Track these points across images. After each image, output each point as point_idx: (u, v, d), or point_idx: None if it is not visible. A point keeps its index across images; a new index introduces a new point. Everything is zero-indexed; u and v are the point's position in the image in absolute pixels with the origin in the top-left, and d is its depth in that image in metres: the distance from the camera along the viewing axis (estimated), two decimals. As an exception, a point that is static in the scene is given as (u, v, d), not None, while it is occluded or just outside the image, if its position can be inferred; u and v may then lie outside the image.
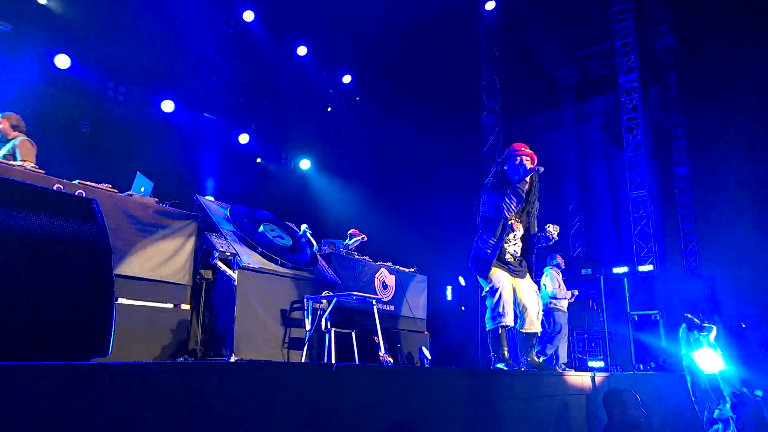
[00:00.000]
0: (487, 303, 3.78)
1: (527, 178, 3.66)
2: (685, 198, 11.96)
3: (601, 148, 12.91)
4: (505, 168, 3.84)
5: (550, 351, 6.54)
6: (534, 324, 3.78)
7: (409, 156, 9.46)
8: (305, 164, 9.73)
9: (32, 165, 4.17)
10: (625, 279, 9.15)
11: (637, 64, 10.39)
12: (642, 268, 9.67)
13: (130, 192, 4.60)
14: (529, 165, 3.71)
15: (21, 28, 6.23)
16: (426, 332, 6.88)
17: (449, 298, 8.73)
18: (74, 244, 1.52)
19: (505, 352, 3.61)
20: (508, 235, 3.82)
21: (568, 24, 10.74)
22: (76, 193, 4.10)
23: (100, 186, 4.29)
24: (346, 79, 9.81)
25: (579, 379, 3.69)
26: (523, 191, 3.66)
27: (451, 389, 2.21)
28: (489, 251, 3.73)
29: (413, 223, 8.92)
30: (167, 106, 7.68)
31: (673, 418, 4.54)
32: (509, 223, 3.78)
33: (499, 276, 3.73)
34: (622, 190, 11.18)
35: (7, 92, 5.80)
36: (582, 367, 8.98)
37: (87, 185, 4.18)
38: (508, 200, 3.65)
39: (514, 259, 3.85)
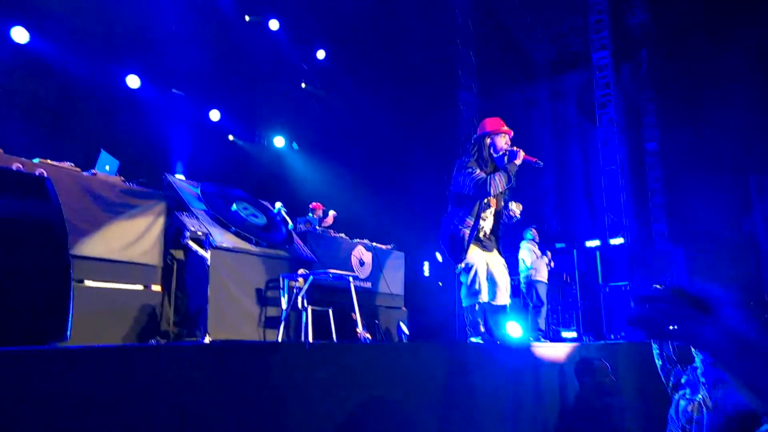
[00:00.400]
0: (462, 279, 3.77)
1: (517, 161, 3.62)
2: (655, 173, 12.18)
3: (576, 124, 13.00)
4: (488, 144, 3.76)
5: (542, 323, 6.62)
6: (504, 297, 3.78)
7: (385, 133, 9.36)
8: (279, 142, 9.54)
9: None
10: (597, 252, 9.33)
11: (609, 41, 10.42)
12: (613, 242, 9.86)
13: (94, 171, 4.44)
14: (519, 151, 3.70)
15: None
16: (404, 308, 6.92)
17: (427, 274, 8.77)
18: (26, 224, 1.44)
19: (481, 327, 3.65)
20: (484, 212, 3.76)
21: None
22: (37, 173, 3.93)
23: (61, 164, 4.13)
24: (321, 54, 9.59)
25: (552, 350, 3.75)
26: (513, 172, 3.62)
27: (427, 363, 2.21)
28: (468, 230, 3.64)
29: (390, 199, 8.88)
30: (133, 81, 7.39)
31: (644, 385, 4.67)
32: (485, 201, 3.71)
33: (474, 254, 3.71)
34: (595, 165, 11.31)
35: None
36: (556, 338, 9.18)
37: (48, 164, 4.01)
38: (498, 179, 3.57)
39: (485, 236, 3.82)
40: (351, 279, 5.00)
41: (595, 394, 3.42)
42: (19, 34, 6.42)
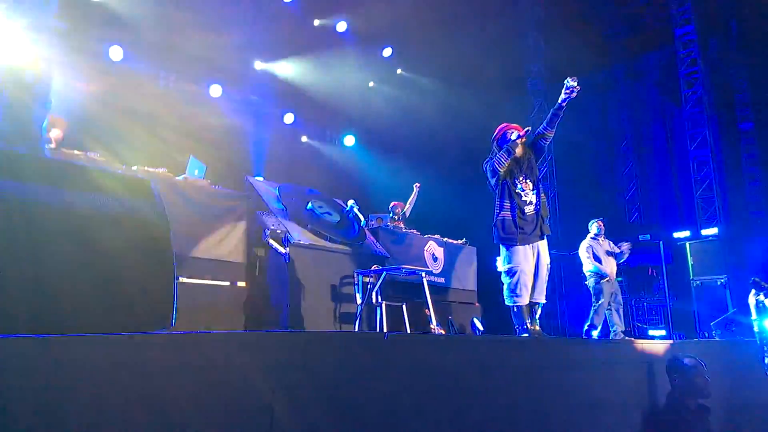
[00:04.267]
0: (504, 280, 3.95)
1: (518, 141, 3.92)
2: (751, 155, 11.22)
3: (657, 106, 12.24)
4: (498, 138, 4.13)
5: (598, 321, 6.24)
6: (539, 294, 3.93)
7: (453, 127, 9.30)
8: (349, 140, 9.77)
9: (94, 153, 4.40)
10: (688, 244, 8.74)
11: (693, 14, 9.72)
12: (705, 232, 9.17)
13: (184, 175, 4.79)
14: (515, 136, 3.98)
15: (77, 25, 6.51)
16: (477, 304, 6.87)
17: (500, 269, 8.60)
18: (135, 222, 1.59)
19: (528, 324, 3.81)
20: (519, 193, 3.94)
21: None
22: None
23: (157, 170, 4.49)
24: (387, 52, 9.70)
25: (638, 346, 3.60)
26: (512, 149, 3.91)
27: (499, 358, 2.21)
28: (508, 213, 3.92)
29: (460, 194, 8.81)
30: (215, 90, 7.87)
31: (743, 387, 4.36)
32: (511, 180, 3.95)
33: (519, 257, 3.85)
34: (681, 149, 10.59)
35: (68, 86, 6.06)
36: (642, 335, 8.72)
37: (145, 170, 4.38)
38: (498, 156, 3.95)
39: (531, 221, 3.92)
40: (424, 274, 5.05)
41: (688, 394, 3.26)
42: (116, 53, 7.04)
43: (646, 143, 12.49)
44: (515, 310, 3.88)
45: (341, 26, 9.10)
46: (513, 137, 3.96)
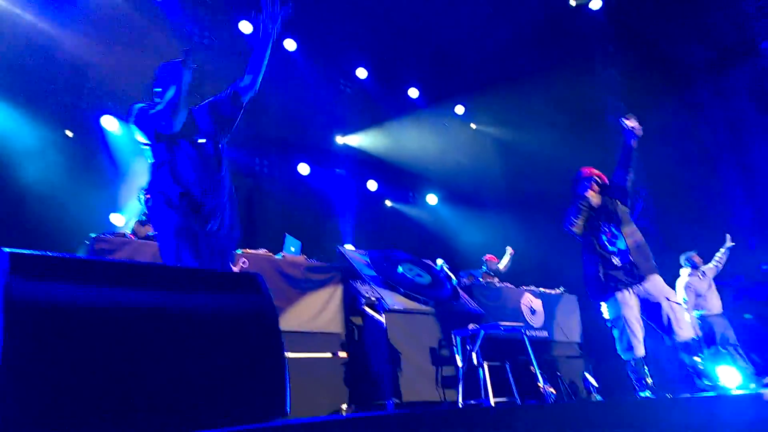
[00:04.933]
0: (614, 333, 3.75)
1: (587, 193, 3.89)
2: None
3: (756, 121, 11.31)
4: (576, 189, 4.11)
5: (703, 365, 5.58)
6: (683, 330, 3.59)
7: (535, 174, 9.16)
8: (432, 199, 9.91)
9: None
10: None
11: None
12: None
13: (282, 253, 5.09)
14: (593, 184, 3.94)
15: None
16: (586, 356, 6.46)
17: (607, 316, 8.09)
18: (246, 316, 1.72)
19: (648, 379, 3.56)
20: (604, 245, 3.81)
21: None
22: (241, 261, 4.66)
23: (258, 252, 4.83)
24: (459, 110, 9.93)
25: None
26: (584, 205, 3.88)
27: (623, 423, 2.05)
28: (594, 268, 3.82)
29: (551, 241, 8.53)
30: (303, 168, 8.43)
31: None
32: (592, 233, 3.87)
33: (618, 303, 3.67)
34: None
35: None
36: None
37: (248, 253, 4.73)
38: (570, 214, 3.96)
39: (623, 269, 3.71)
40: (524, 330, 4.88)
41: None
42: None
43: (750, 160, 11.48)
44: (631, 363, 3.66)
45: (413, 93, 9.50)
46: (584, 192, 3.96)
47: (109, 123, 7.13)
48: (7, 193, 5.60)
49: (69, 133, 6.81)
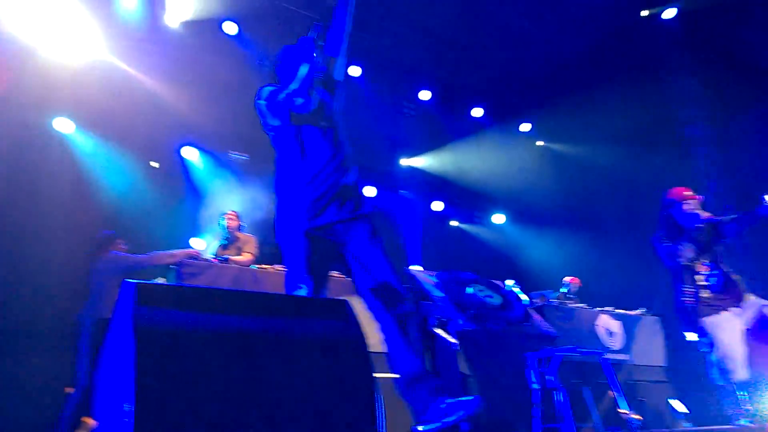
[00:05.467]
0: (711, 359, 3.59)
1: (703, 225, 3.66)
2: None
3: None
4: (672, 214, 3.87)
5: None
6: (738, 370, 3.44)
7: (607, 192, 8.86)
8: (499, 219, 9.79)
9: (282, 266, 5.06)
10: None
11: None
12: None
13: (352, 276, 5.21)
14: (698, 210, 3.75)
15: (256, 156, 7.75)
16: (671, 381, 6.12)
17: (691, 338, 7.62)
18: (338, 341, 1.80)
19: (748, 405, 3.37)
20: (698, 277, 3.68)
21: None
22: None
23: (334, 274, 4.96)
24: (525, 127, 9.82)
25: None
26: (699, 238, 3.66)
27: None
28: (688, 300, 3.69)
29: (628, 260, 8.19)
30: (370, 191, 8.63)
31: None
32: (690, 264, 3.70)
33: (713, 325, 3.54)
34: None
35: (249, 206, 7.07)
36: None
37: (332, 276, 4.87)
38: (681, 248, 3.71)
39: (716, 297, 3.61)
40: (603, 353, 4.71)
41: None
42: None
43: None
44: (727, 390, 3.49)
45: (477, 112, 9.51)
46: (698, 213, 3.77)
47: (189, 153, 7.63)
48: (98, 221, 6.06)
49: (154, 164, 7.35)
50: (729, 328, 3.46)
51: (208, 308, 1.64)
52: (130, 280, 1.59)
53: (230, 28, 7.37)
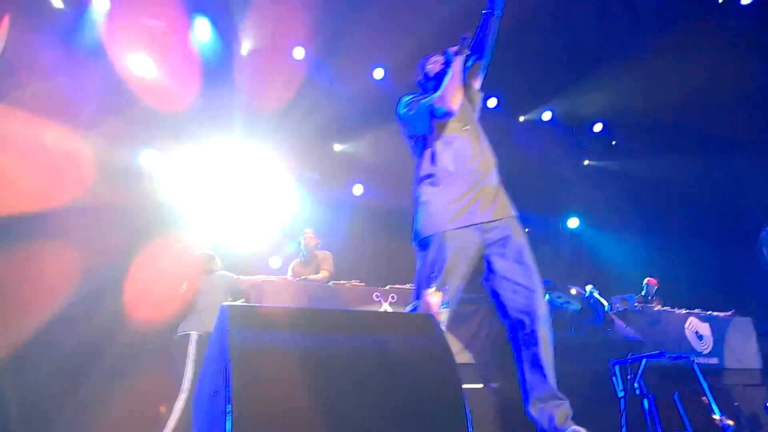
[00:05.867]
0: None
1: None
2: None
3: None
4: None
5: None
6: None
7: (686, 188, 8.37)
8: (574, 223, 9.52)
9: (357, 280, 5.28)
10: None
11: None
12: None
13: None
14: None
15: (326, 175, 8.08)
16: (766, 384, 5.72)
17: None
18: (427, 356, 1.85)
19: None
20: None
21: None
22: (390, 296, 5.00)
23: (406, 286, 5.12)
24: (597, 127, 9.50)
25: None
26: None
27: None
28: None
29: (716, 259, 7.71)
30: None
31: None
32: None
33: None
34: None
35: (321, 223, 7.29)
36: None
37: (397, 288, 5.05)
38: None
39: None
40: (693, 358, 4.52)
41: None
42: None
43: None
44: None
45: (546, 116, 9.34)
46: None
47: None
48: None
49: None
50: None
51: (296, 326, 1.77)
52: (226, 303, 1.76)
53: (299, 53, 7.71)
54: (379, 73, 8.20)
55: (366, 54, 7.95)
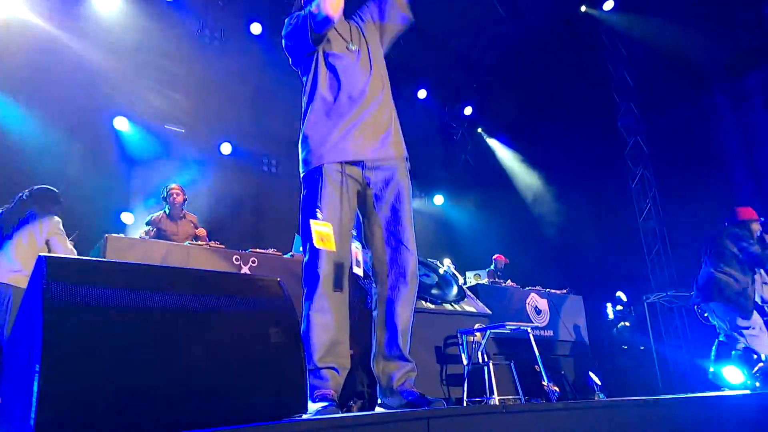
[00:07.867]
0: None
1: None
2: None
3: (769, 124, 11.25)
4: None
5: None
6: None
7: (544, 176, 9.21)
8: (439, 199, 9.96)
9: (215, 242, 4.95)
10: None
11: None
12: None
13: (292, 253, 5.18)
14: None
15: (192, 128, 7.49)
16: (591, 356, 6.54)
17: (611, 316, 8.18)
18: (267, 317, 1.79)
19: None
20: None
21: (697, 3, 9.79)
22: (251, 260, 4.77)
23: (268, 251, 4.92)
24: (467, 110, 9.97)
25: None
26: None
27: (627, 422, 2.09)
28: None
29: (558, 242, 8.59)
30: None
31: None
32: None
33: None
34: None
35: (185, 180, 6.84)
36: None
37: (258, 252, 4.83)
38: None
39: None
40: (529, 329, 4.96)
41: None
42: (225, 148, 7.90)
43: (765, 168, 11.43)
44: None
45: (422, 93, 9.57)
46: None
47: (121, 124, 7.26)
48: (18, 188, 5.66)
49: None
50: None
51: (126, 283, 1.59)
52: (42, 255, 1.52)
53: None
54: (256, 28, 7.78)
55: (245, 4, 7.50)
